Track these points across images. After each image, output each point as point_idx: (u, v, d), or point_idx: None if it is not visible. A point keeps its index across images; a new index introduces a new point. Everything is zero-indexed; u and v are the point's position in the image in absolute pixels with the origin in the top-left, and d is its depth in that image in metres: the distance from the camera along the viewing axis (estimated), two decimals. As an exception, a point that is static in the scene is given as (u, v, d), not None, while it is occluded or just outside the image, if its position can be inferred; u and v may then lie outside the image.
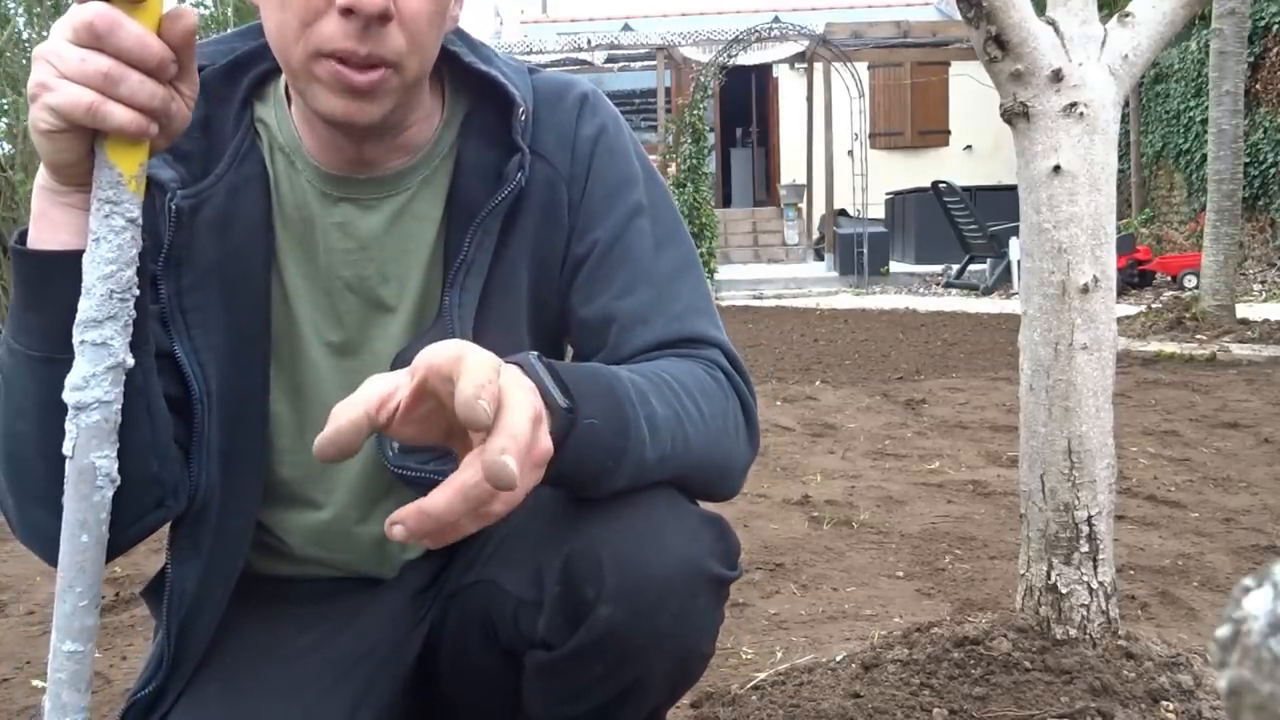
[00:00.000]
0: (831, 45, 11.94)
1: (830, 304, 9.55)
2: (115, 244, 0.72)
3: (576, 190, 0.97)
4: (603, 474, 0.80)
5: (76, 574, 0.74)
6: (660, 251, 0.97)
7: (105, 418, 0.73)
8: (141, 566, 2.31)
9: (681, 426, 0.85)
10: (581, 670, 0.84)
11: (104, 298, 0.72)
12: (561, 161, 0.97)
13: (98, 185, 0.72)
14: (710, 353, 0.94)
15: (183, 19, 0.72)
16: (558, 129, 0.97)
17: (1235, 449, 3.34)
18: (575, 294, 0.97)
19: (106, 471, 0.74)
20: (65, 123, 0.70)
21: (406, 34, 0.82)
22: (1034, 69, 1.34)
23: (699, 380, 0.90)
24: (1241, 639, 0.29)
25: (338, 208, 0.94)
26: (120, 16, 0.69)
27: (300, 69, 0.83)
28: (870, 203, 12.20)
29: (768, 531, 2.54)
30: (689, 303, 0.96)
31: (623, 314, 0.94)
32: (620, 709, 0.87)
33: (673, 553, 0.82)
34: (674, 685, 0.90)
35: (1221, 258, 5.76)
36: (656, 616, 0.81)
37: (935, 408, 4.18)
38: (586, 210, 0.97)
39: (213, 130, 0.92)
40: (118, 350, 0.73)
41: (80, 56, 0.69)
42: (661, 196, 1.01)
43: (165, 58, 0.71)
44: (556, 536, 0.85)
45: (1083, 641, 1.37)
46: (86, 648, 0.75)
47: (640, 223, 0.98)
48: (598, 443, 0.77)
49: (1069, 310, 1.35)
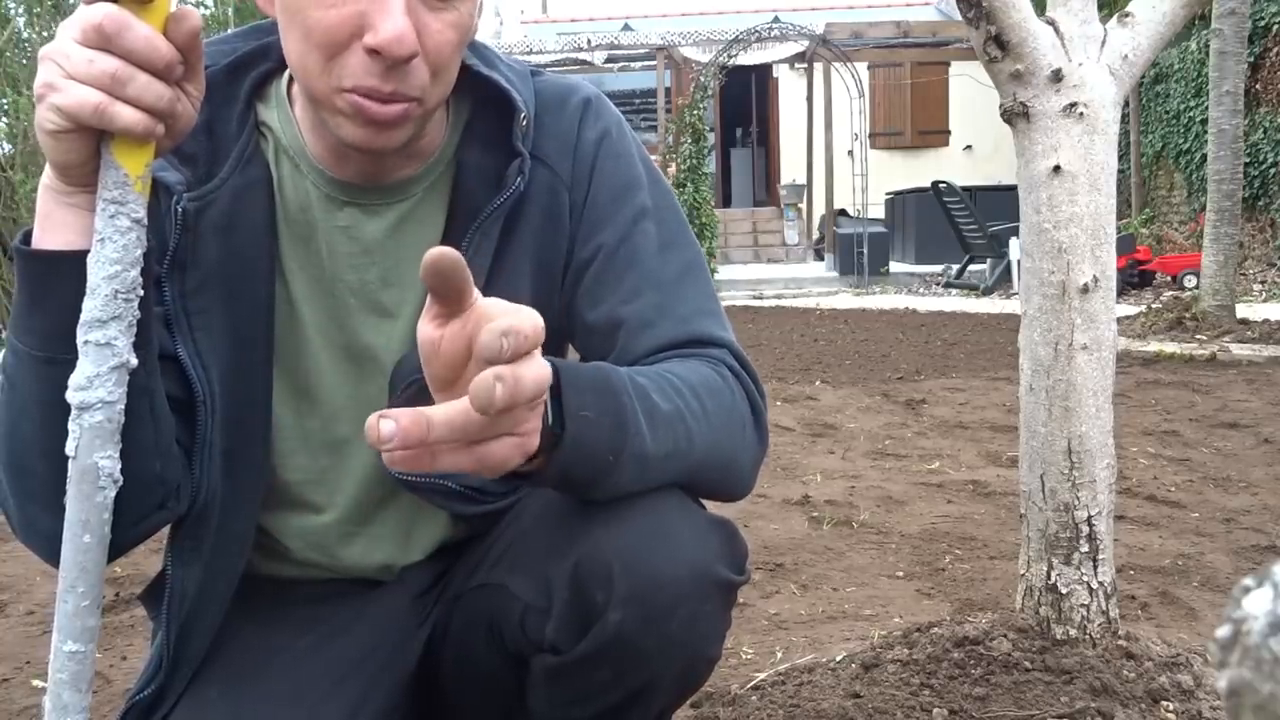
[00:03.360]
0: (831, 45, 11.94)
1: (830, 304, 9.55)
2: (120, 244, 0.72)
3: (579, 195, 0.97)
4: (603, 470, 0.79)
5: (79, 574, 0.74)
6: (666, 254, 0.97)
7: (108, 418, 0.73)
8: (141, 566, 2.31)
9: (684, 422, 0.85)
10: (590, 674, 0.84)
11: (108, 298, 0.72)
12: (563, 167, 0.96)
13: (103, 186, 0.72)
14: (717, 352, 0.94)
15: (188, 19, 0.72)
16: (560, 134, 0.97)
17: (1235, 449, 3.34)
18: (581, 299, 0.97)
19: (109, 472, 0.74)
20: (72, 123, 0.70)
21: (431, 68, 0.83)
22: (1034, 69, 1.33)
23: (704, 377, 0.90)
24: (1241, 639, 0.29)
25: (343, 212, 0.94)
26: (129, 18, 0.69)
27: (323, 99, 0.84)
28: (870, 203, 12.19)
29: (768, 531, 2.54)
30: (696, 304, 0.96)
31: (630, 318, 0.94)
32: (628, 712, 0.87)
33: (683, 558, 0.82)
34: (682, 689, 0.90)
35: (1221, 258, 5.76)
36: (666, 622, 0.81)
37: (935, 408, 4.18)
38: (590, 215, 0.97)
39: (216, 132, 0.92)
40: (122, 350, 0.73)
41: (88, 57, 0.69)
42: (666, 199, 1.01)
43: (173, 59, 0.71)
44: (565, 541, 0.85)
45: (1083, 641, 1.37)
46: (88, 648, 0.75)
47: (645, 226, 0.97)
48: (595, 435, 0.77)
49: (1069, 310, 1.35)
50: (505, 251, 0.95)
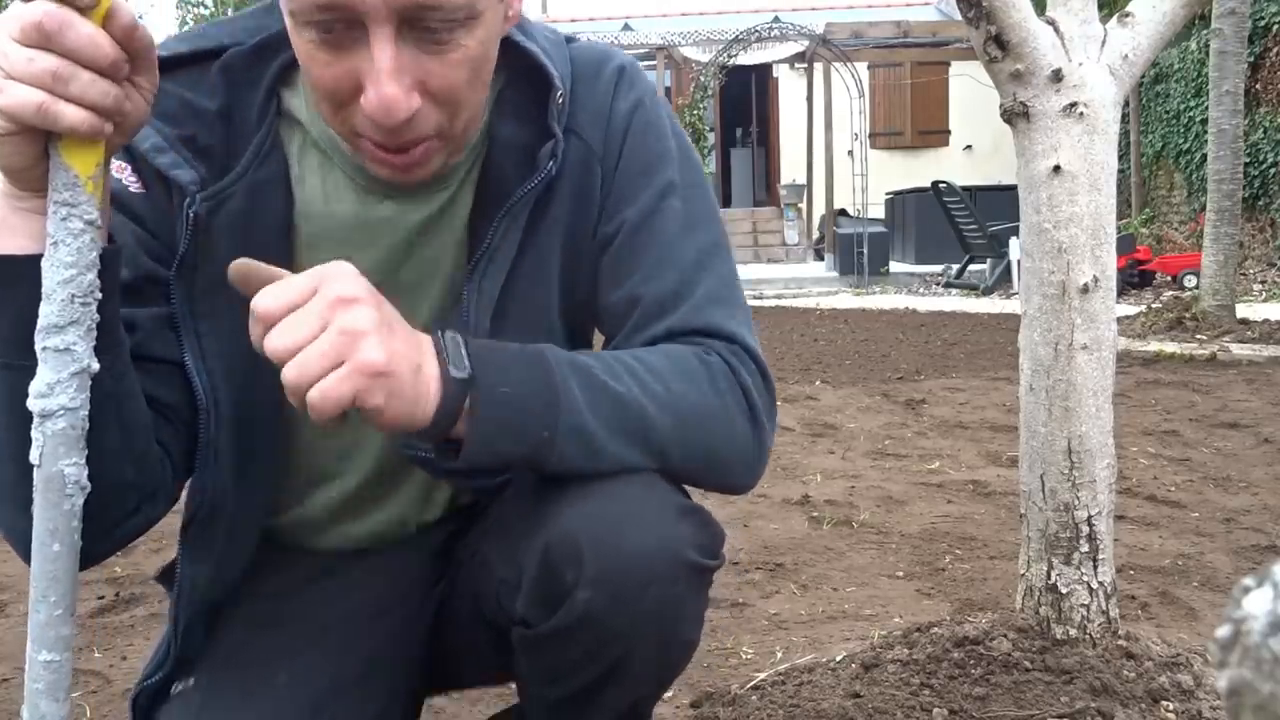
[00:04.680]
0: (831, 45, 11.94)
1: (830, 304, 9.55)
2: (74, 247, 0.70)
3: (610, 165, 0.95)
4: (540, 444, 0.81)
5: (50, 584, 0.72)
6: (688, 234, 0.95)
7: (72, 424, 0.72)
8: (141, 566, 2.31)
9: (639, 403, 0.84)
10: (561, 651, 0.85)
11: (65, 302, 0.70)
12: (596, 139, 0.94)
13: (53, 188, 0.70)
14: (718, 344, 0.92)
15: (120, 15, 0.70)
16: (594, 105, 0.94)
17: (1235, 449, 3.34)
18: (602, 276, 0.96)
19: (76, 479, 0.72)
20: (15, 124, 0.68)
21: (444, 110, 0.81)
22: (1034, 69, 1.33)
23: (680, 364, 0.88)
24: (1241, 639, 0.29)
25: (382, 205, 0.91)
26: (70, 15, 0.67)
27: (343, 137, 0.83)
28: (870, 203, 12.20)
29: (768, 531, 2.54)
30: (710, 292, 0.94)
31: (644, 300, 0.93)
32: (603, 692, 0.87)
33: (652, 539, 0.82)
34: (659, 671, 0.91)
35: (1221, 258, 5.76)
36: (636, 603, 0.81)
37: (935, 408, 4.18)
38: (618, 187, 0.95)
39: (235, 120, 0.88)
40: (82, 355, 0.72)
41: (27, 56, 0.67)
42: (694, 175, 0.98)
43: (117, 56, 0.69)
44: (537, 517, 0.86)
45: (1083, 641, 1.37)
46: (63, 657, 0.73)
47: (671, 203, 0.95)
48: (519, 408, 0.79)
49: (1069, 310, 1.35)
50: (534, 232, 0.93)
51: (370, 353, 0.72)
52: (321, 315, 0.72)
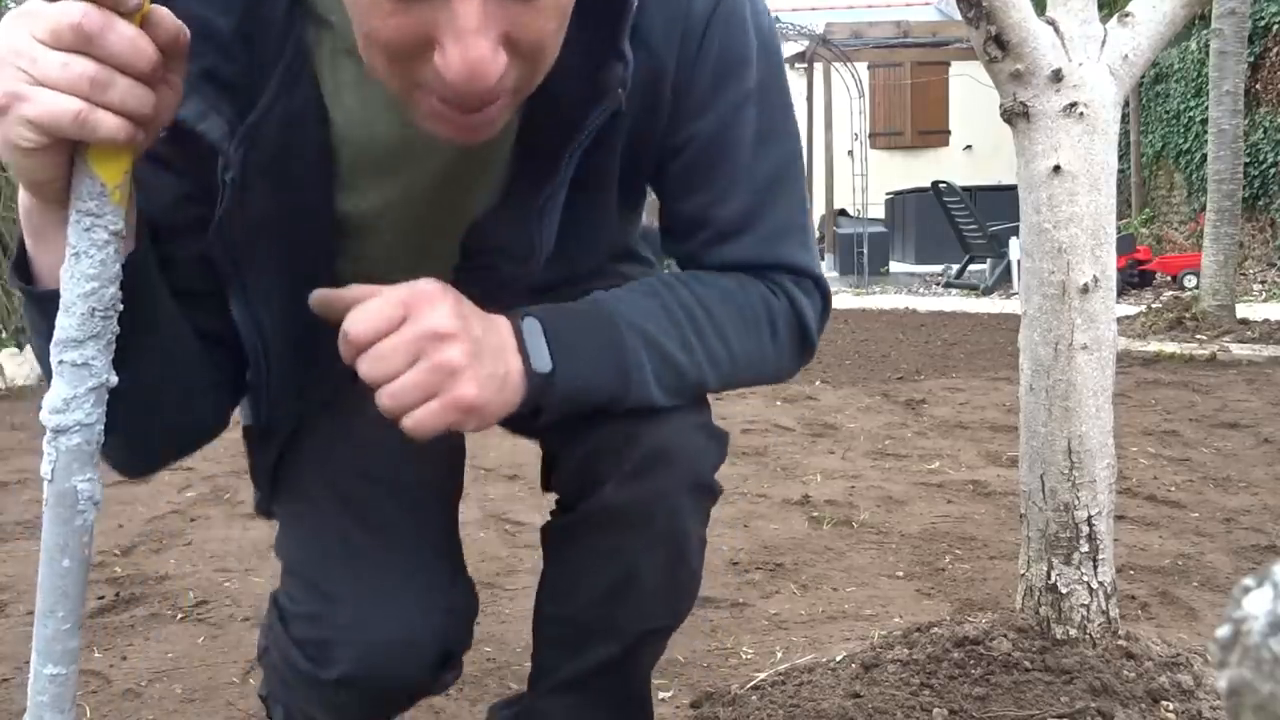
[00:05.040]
0: (831, 45, 11.94)
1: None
2: (98, 259, 0.67)
3: (684, 76, 0.86)
4: (609, 410, 0.86)
5: (58, 599, 0.72)
6: (763, 148, 0.90)
7: (86, 440, 0.70)
8: (142, 566, 2.31)
9: (702, 375, 0.90)
10: (587, 540, 0.93)
11: (85, 316, 0.68)
12: (668, 52, 0.85)
13: (78, 197, 0.67)
14: (783, 278, 0.94)
15: (160, 16, 0.65)
16: (667, 9, 0.84)
17: (1235, 449, 3.34)
18: (671, 181, 0.92)
19: (89, 494, 0.71)
20: (49, 136, 0.63)
21: (528, 63, 0.70)
22: (1034, 69, 1.34)
23: (748, 313, 0.92)
24: (1241, 639, 0.29)
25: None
26: (111, 17, 0.62)
27: (398, 92, 0.72)
28: (870, 203, 12.20)
29: (768, 531, 2.54)
30: (780, 221, 0.93)
31: (715, 222, 0.92)
32: (615, 614, 0.94)
33: (684, 459, 0.90)
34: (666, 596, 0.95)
35: (1221, 258, 5.76)
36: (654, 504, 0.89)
37: (935, 408, 4.18)
38: (691, 96, 0.87)
39: (256, 41, 0.77)
40: (100, 370, 0.69)
41: (62, 60, 0.61)
42: (774, 77, 0.91)
43: (158, 61, 0.65)
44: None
45: (1083, 641, 1.37)
46: (69, 670, 0.73)
47: (747, 113, 0.89)
48: (596, 390, 0.84)
49: (1069, 310, 1.35)
50: (594, 152, 0.85)
51: (464, 389, 0.75)
52: (414, 348, 0.74)
